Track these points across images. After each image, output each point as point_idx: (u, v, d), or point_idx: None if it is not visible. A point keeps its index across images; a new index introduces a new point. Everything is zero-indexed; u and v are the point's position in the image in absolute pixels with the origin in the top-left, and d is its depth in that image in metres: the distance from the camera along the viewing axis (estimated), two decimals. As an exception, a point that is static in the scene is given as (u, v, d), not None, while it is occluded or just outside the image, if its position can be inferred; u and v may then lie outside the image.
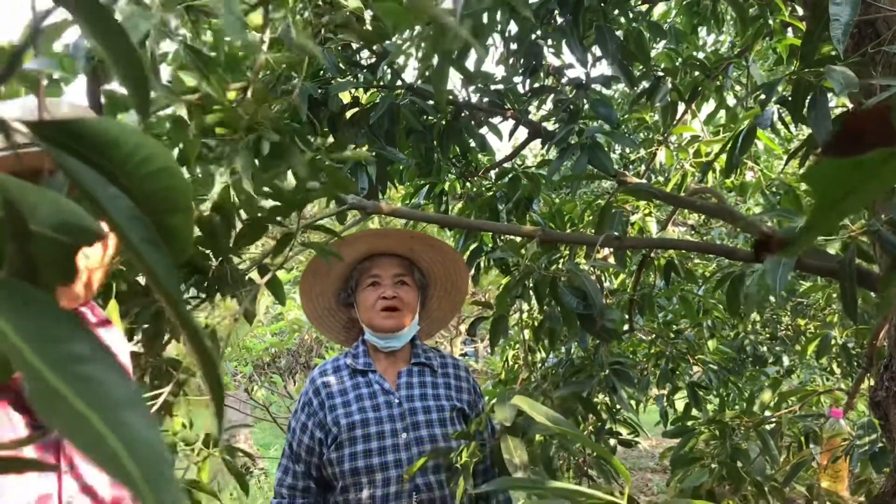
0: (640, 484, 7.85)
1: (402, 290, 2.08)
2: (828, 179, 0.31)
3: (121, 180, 0.33)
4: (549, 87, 2.38)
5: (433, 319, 2.28)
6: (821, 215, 0.32)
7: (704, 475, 2.44)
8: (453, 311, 2.26)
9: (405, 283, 2.09)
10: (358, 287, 2.10)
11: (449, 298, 2.20)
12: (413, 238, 2.09)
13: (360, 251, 2.06)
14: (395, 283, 2.08)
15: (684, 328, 3.18)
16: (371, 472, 1.92)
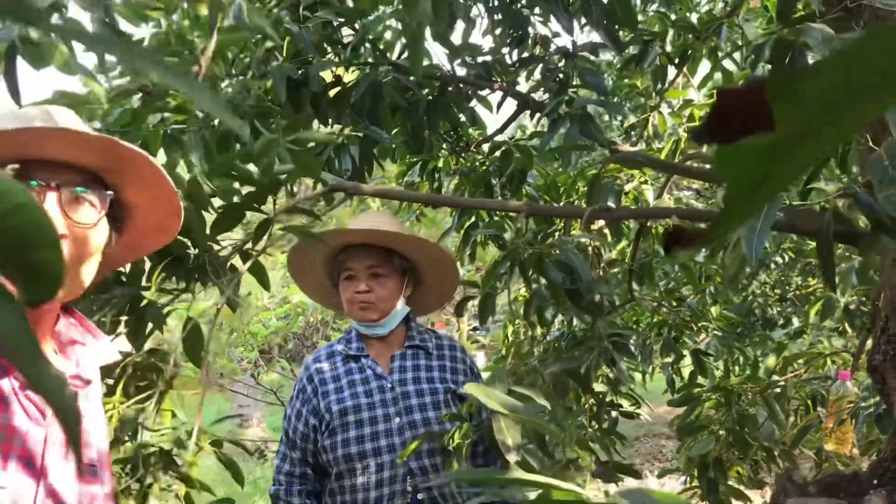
0: (654, 450, 7.86)
1: (376, 282, 2.03)
2: (740, 165, 0.28)
3: None
4: (537, 56, 2.33)
5: (436, 293, 2.23)
6: (735, 205, 0.29)
7: (711, 442, 2.42)
8: (451, 284, 2.21)
9: (380, 275, 2.04)
10: (339, 279, 2.08)
11: (440, 273, 2.16)
12: (377, 235, 2.03)
13: (336, 244, 2.03)
14: (369, 275, 2.03)
15: (687, 296, 3.14)
16: (364, 457, 1.92)
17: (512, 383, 1.62)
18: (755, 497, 2.74)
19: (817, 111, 0.24)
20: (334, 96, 2.15)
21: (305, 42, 1.98)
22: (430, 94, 2.29)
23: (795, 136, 0.26)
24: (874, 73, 0.23)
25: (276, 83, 1.92)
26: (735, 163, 0.26)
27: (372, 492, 1.91)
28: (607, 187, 2.18)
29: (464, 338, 8.40)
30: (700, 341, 3.27)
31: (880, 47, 0.22)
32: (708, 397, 2.48)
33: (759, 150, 0.25)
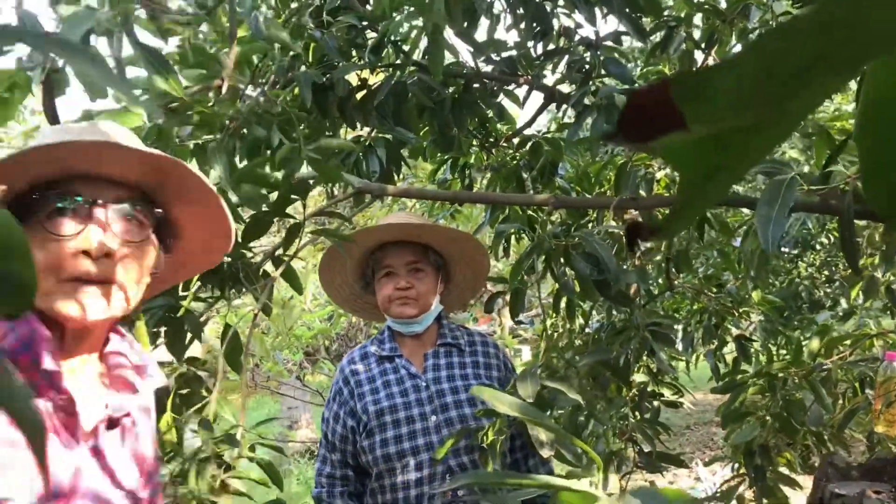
0: (704, 438, 7.77)
1: (416, 277, 2.05)
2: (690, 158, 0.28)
3: None
4: (561, 49, 2.32)
5: (462, 290, 2.25)
6: (688, 197, 0.29)
7: (756, 429, 2.39)
8: (480, 281, 2.23)
9: (420, 270, 2.06)
10: (374, 277, 2.09)
11: (472, 270, 2.17)
12: (417, 228, 2.05)
13: (372, 242, 2.04)
14: (408, 271, 2.05)
15: (727, 281, 3.10)
16: (403, 456, 1.93)
17: (545, 377, 1.62)
18: (807, 482, 2.70)
19: (727, 107, 0.24)
20: (360, 99, 2.16)
21: (329, 47, 2.00)
22: (456, 93, 2.29)
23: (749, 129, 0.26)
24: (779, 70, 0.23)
25: (302, 89, 1.94)
26: (684, 157, 0.27)
27: (412, 490, 1.93)
28: (636, 175, 2.16)
29: (506, 332, 8.38)
30: (745, 328, 3.23)
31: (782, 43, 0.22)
32: (752, 383, 2.44)
33: (707, 144, 0.26)
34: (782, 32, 0.22)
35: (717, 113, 0.24)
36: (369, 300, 2.22)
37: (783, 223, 0.89)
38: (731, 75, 0.23)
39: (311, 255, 5.30)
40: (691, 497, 0.51)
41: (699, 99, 0.24)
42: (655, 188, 2.34)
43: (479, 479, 0.59)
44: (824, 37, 0.22)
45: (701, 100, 0.24)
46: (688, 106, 0.24)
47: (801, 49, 0.23)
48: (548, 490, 0.60)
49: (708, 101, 0.24)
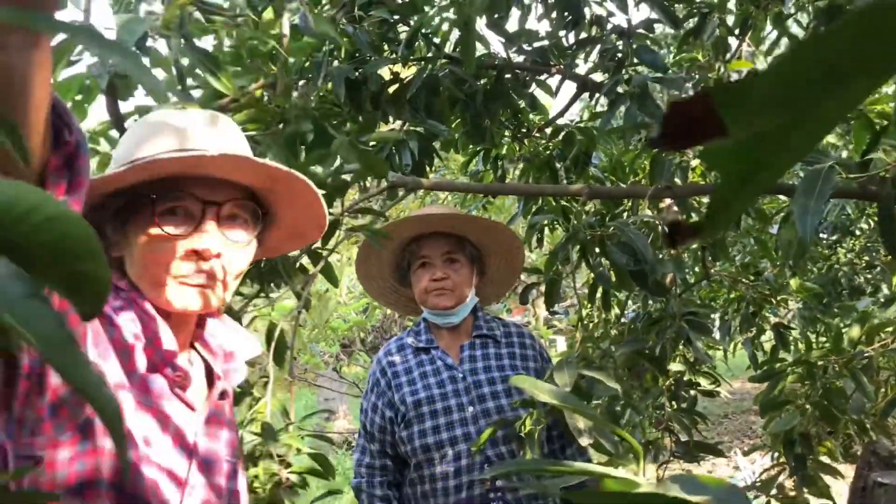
0: (742, 427, 7.70)
1: (452, 268, 2.06)
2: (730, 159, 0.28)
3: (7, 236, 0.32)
4: (593, 38, 2.31)
5: (497, 284, 2.26)
6: (727, 198, 0.29)
7: (795, 417, 2.37)
8: (514, 275, 2.24)
9: (456, 261, 2.07)
10: (410, 268, 2.10)
11: (507, 263, 2.17)
12: (454, 218, 2.07)
13: (407, 234, 2.06)
14: (444, 261, 2.06)
15: (764, 269, 3.07)
16: (441, 447, 1.95)
17: (582, 367, 1.62)
18: (848, 471, 2.67)
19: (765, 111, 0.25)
20: (393, 93, 2.17)
21: (361, 42, 2.01)
22: (488, 84, 2.29)
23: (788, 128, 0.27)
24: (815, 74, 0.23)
25: (336, 84, 1.95)
26: (723, 158, 0.27)
27: (451, 480, 1.94)
28: (671, 164, 2.14)
29: (540, 323, 8.37)
30: (783, 315, 3.19)
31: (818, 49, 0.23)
32: (791, 371, 2.42)
33: (746, 146, 0.26)
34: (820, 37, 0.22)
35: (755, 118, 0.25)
36: (405, 293, 2.23)
37: (821, 212, 0.88)
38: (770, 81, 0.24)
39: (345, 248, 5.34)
40: (731, 484, 0.52)
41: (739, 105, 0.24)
42: (691, 176, 2.32)
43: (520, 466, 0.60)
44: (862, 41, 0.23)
45: (740, 106, 0.24)
46: (728, 112, 0.25)
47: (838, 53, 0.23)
48: (589, 477, 0.61)
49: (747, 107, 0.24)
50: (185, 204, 1.05)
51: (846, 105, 0.27)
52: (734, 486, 0.50)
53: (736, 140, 0.27)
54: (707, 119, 0.25)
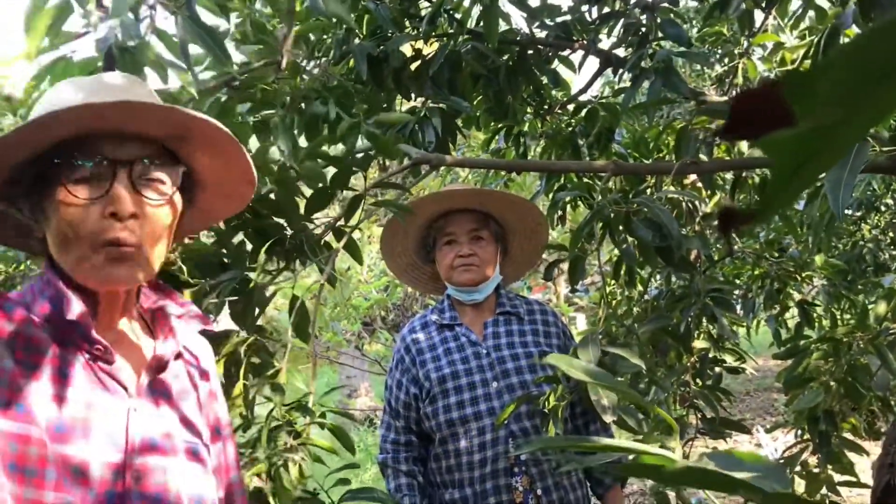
0: (765, 404, 7.68)
1: (478, 245, 2.07)
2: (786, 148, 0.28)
3: None
4: (617, 12, 2.29)
5: (518, 263, 2.27)
6: (781, 186, 0.30)
7: (819, 395, 2.35)
8: (536, 254, 2.24)
9: (481, 238, 2.08)
10: (435, 245, 2.10)
11: (530, 242, 2.18)
12: (481, 194, 2.07)
13: (434, 210, 2.06)
14: (470, 239, 2.07)
15: (789, 246, 3.04)
16: (466, 422, 1.97)
17: (605, 344, 1.62)
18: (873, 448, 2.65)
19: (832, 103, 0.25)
20: (415, 70, 2.16)
21: (383, 18, 2.00)
22: (510, 60, 2.27)
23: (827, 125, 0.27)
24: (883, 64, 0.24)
25: (357, 62, 1.95)
26: (780, 147, 0.27)
27: (476, 454, 1.96)
28: (696, 140, 2.12)
29: (561, 301, 8.36)
30: (807, 292, 3.17)
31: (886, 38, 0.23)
32: (816, 348, 2.40)
33: (801, 137, 0.26)
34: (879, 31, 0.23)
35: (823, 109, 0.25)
36: (427, 271, 2.24)
37: (853, 186, 0.87)
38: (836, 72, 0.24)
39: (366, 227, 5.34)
40: (766, 459, 0.51)
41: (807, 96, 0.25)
42: (716, 152, 2.30)
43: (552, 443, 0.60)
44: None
45: (809, 96, 0.25)
46: (798, 103, 0.25)
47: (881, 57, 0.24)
48: (624, 454, 0.60)
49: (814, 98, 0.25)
50: (94, 167, 0.99)
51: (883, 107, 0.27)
52: (773, 461, 0.50)
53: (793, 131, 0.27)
54: (775, 109, 0.25)
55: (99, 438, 0.97)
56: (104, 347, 1.01)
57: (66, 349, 0.99)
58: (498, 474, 1.95)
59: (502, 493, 1.95)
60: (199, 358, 1.21)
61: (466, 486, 1.97)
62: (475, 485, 1.95)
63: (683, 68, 3.41)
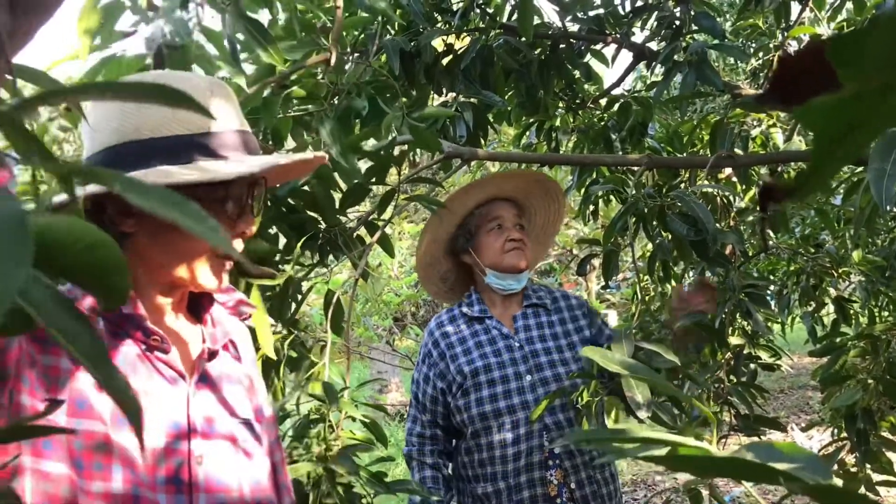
0: (799, 403, 7.57)
1: (522, 233, 2.12)
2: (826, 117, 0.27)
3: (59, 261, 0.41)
4: (650, 5, 2.27)
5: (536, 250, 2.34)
6: (823, 157, 0.29)
7: (857, 393, 2.32)
8: (545, 249, 2.35)
9: (523, 227, 2.13)
10: (479, 231, 2.11)
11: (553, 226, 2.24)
12: (537, 181, 2.15)
13: (485, 195, 2.09)
14: (514, 226, 2.11)
15: (825, 241, 2.99)
16: (499, 415, 1.97)
17: (640, 339, 1.61)
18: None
19: (880, 67, 0.24)
20: (447, 65, 2.16)
21: (415, 13, 2.00)
22: (542, 54, 2.26)
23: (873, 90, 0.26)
24: None
25: (390, 57, 1.95)
26: (820, 116, 0.26)
27: (509, 448, 1.96)
28: (731, 133, 2.10)
29: (592, 297, 8.32)
30: (843, 288, 3.12)
31: None
32: (853, 345, 2.37)
33: (843, 104, 0.25)
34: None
35: (870, 72, 0.24)
36: (439, 268, 2.22)
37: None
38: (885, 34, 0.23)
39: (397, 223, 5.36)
40: (807, 451, 0.51)
41: (854, 59, 0.24)
42: (751, 146, 2.27)
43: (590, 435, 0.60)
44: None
45: (856, 59, 0.24)
46: (843, 66, 0.24)
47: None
48: (658, 445, 0.60)
49: (863, 61, 0.24)
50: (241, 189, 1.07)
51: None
52: (812, 453, 0.49)
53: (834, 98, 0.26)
54: (819, 73, 0.24)
55: (162, 426, 1.01)
56: (161, 337, 1.05)
57: (121, 340, 1.03)
58: (532, 468, 1.95)
59: (536, 486, 1.95)
60: (239, 343, 1.24)
61: (500, 479, 1.97)
62: (509, 478, 1.96)
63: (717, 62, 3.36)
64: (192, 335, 1.15)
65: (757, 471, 0.45)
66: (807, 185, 0.29)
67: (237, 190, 1.07)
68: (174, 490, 0.98)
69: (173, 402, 1.04)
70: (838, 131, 0.27)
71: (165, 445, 1.00)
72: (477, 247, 2.12)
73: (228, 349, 1.20)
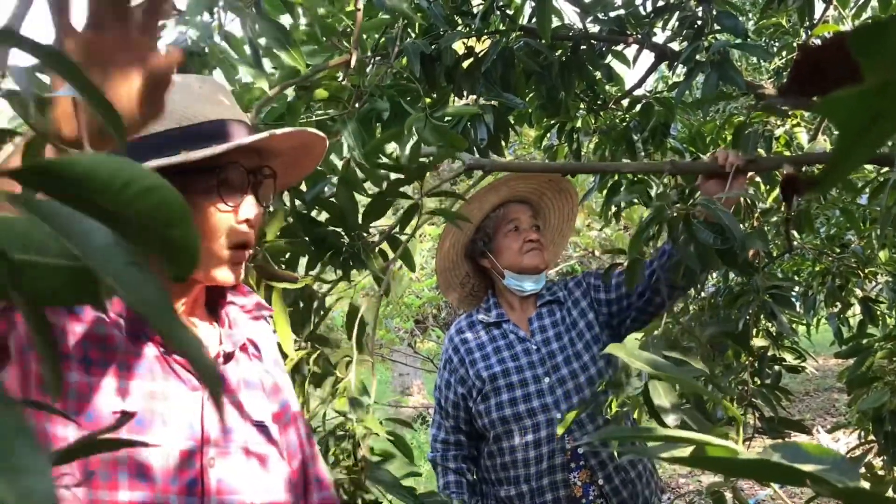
0: (825, 405, 7.50)
1: (539, 234, 2.14)
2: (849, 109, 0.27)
3: (106, 208, 0.34)
4: (671, 4, 2.25)
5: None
6: (846, 149, 0.28)
7: (885, 395, 2.29)
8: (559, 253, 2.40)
9: (539, 228, 2.16)
10: (496, 233, 2.12)
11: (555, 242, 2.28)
12: (549, 181, 2.18)
13: (500, 198, 2.11)
14: (531, 227, 2.14)
15: (851, 241, 2.96)
16: (519, 419, 1.98)
17: (666, 348, 1.59)
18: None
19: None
20: (467, 67, 2.16)
21: (436, 16, 2.00)
22: (563, 56, 2.26)
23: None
24: None
25: (410, 60, 1.95)
26: (842, 108, 0.26)
27: (531, 451, 1.97)
28: (755, 135, 2.08)
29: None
30: (869, 289, 3.08)
31: None
32: (880, 347, 2.34)
33: (867, 95, 0.25)
34: None
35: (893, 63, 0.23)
36: (458, 273, 2.23)
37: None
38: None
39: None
40: (835, 452, 0.50)
41: (877, 49, 0.23)
42: (775, 146, 2.25)
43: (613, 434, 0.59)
44: None
45: (879, 51, 0.23)
46: (865, 57, 0.24)
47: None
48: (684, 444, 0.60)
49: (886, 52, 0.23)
50: (237, 173, 1.08)
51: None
52: (839, 454, 0.48)
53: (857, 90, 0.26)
54: (842, 64, 0.24)
55: (177, 428, 1.01)
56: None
57: (141, 343, 1.03)
58: (555, 470, 1.95)
59: (559, 488, 1.95)
60: (261, 346, 1.24)
61: (522, 482, 1.97)
62: (531, 481, 1.96)
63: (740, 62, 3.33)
64: (208, 337, 1.15)
65: (784, 472, 0.44)
66: (830, 177, 0.29)
67: (234, 175, 1.07)
68: (186, 493, 0.99)
69: (189, 405, 1.04)
70: (861, 123, 0.27)
71: (180, 449, 1.00)
72: (495, 249, 2.13)
73: (247, 349, 1.20)
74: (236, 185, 1.08)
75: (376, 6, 1.49)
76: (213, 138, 1.04)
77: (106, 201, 0.34)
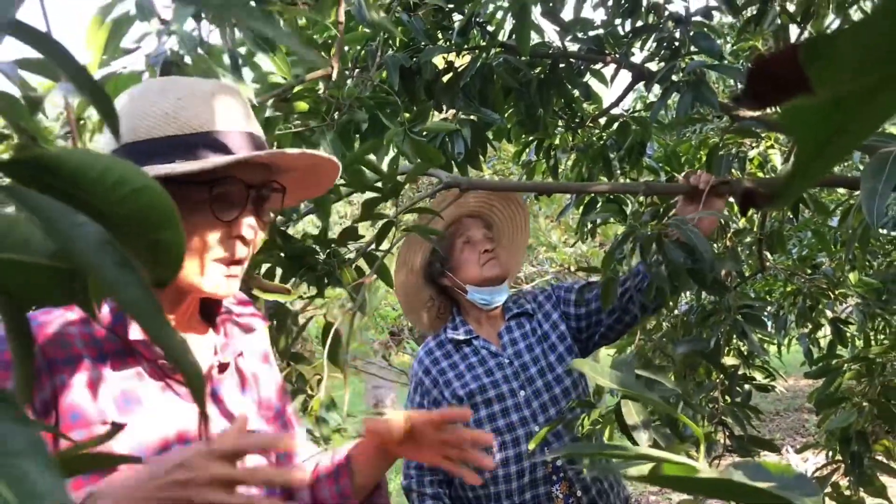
0: (795, 425, 7.55)
1: (493, 244, 2.15)
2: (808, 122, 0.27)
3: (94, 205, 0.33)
4: (650, 25, 2.28)
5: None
6: (805, 162, 0.29)
7: (852, 415, 2.32)
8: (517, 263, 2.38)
9: (492, 240, 2.16)
10: (452, 251, 2.12)
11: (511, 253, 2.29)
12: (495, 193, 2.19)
13: (450, 216, 2.12)
14: (484, 238, 2.14)
15: (822, 263, 3.00)
16: (499, 434, 1.98)
17: (639, 366, 1.60)
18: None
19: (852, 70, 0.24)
20: (446, 82, 2.17)
21: (416, 30, 2.01)
22: (542, 73, 2.28)
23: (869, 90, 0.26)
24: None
25: (390, 73, 1.96)
26: (802, 120, 0.26)
27: (512, 466, 1.96)
28: (729, 157, 2.10)
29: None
30: (839, 310, 3.12)
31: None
32: (848, 368, 2.37)
33: (827, 107, 0.25)
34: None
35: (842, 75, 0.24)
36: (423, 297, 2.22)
37: (888, 195, 0.85)
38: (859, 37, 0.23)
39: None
40: (796, 471, 0.51)
41: (826, 61, 0.24)
42: (748, 167, 2.28)
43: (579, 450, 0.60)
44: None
45: (828, 62, 0.24)
46: (815, 68, 0.24)
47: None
48: (646, 461, 0.60)
49: (834, 64, 0.24)
50: (234, 188, 1.04)
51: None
52: (801, 472, 0.49)
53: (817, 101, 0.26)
54: (793, 75, 0.24)
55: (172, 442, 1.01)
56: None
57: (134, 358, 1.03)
58: (537, 483, 1.95)
59: (542, 502, 1.94)
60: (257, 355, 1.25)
61: (504, 499, 1.95)
62: (513, 496, 1.95)
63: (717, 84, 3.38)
64: (203, 348, 1.14)
65: (743, 490, 0.45)
66: (788, 189, 0.29)
67: (230, 190, 1.04)
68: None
69: (183, 417, 1.04)
70: (823, 136, 0.27)
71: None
72: (454, 267, 2.13)
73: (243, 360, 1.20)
74: (233, 200, 1.05)
75: (357, 19, 1.49)
76: (213, 150, 1.02)
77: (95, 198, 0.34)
